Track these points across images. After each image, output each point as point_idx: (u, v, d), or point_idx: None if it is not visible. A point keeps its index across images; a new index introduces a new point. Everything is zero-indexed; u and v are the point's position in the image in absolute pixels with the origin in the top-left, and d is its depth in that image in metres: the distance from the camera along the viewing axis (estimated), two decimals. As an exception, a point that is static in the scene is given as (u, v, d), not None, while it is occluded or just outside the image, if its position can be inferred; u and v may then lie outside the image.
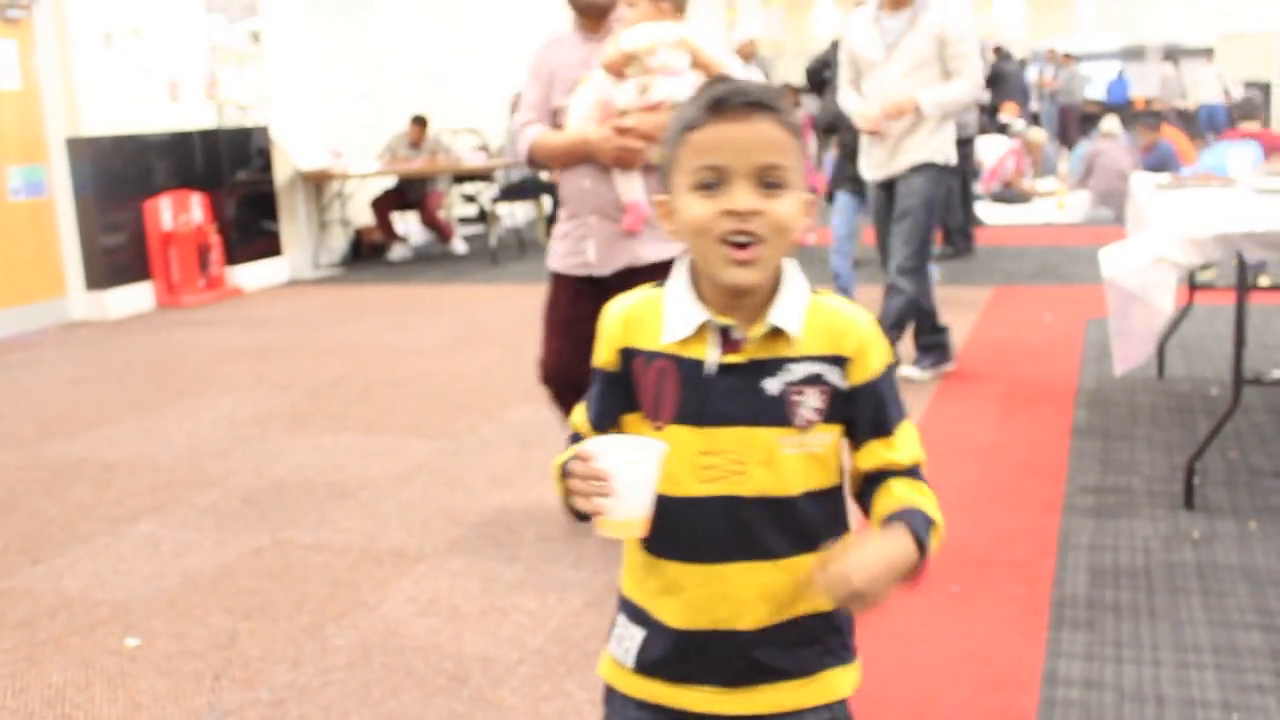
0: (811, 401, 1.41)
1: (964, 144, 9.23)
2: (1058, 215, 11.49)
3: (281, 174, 10.07)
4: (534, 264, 10.19)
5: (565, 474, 1.42)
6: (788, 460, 1.41)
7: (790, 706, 1.47)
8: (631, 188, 3.44)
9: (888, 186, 5.49)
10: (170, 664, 3.04)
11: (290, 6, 10.08)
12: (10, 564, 3.79)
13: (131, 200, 8.57)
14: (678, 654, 1.47)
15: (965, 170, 9.31)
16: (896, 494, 1.45)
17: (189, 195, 8.92)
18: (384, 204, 10.82)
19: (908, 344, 5.69)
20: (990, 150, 12.68)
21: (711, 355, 1.41)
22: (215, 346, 7.22)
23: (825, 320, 1.43)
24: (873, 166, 5.49)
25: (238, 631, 3.21)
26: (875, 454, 1.46)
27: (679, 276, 1.46)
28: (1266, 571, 3.26)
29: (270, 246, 9.87)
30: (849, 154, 6.54)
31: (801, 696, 1.47)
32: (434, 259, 10.87)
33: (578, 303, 3.53)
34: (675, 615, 1.47)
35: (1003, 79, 13.99)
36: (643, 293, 1.51)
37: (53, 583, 3.60)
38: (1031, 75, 18.31)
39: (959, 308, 7.20)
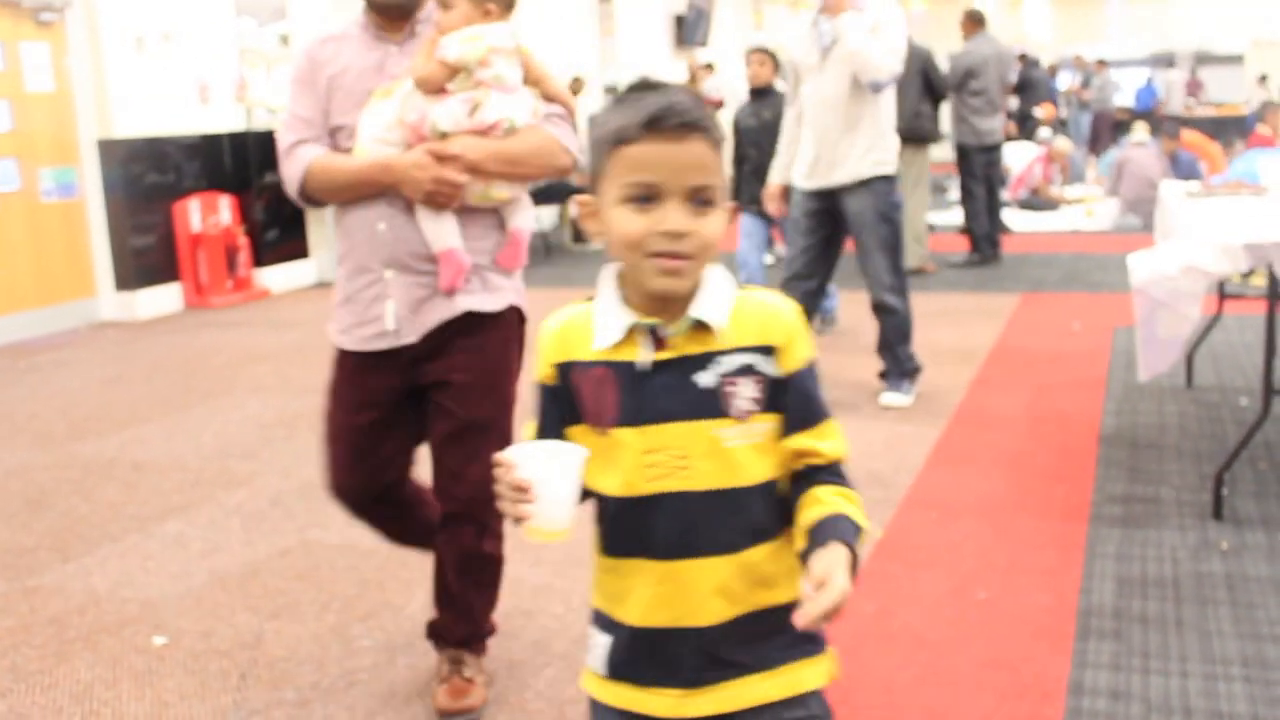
0: (746, 391, 1.44)
1: (990, 150, 9.21)
2: (1086, 222, 11.43)
3: (310, 176, 10.10)
4: (560, 269, 10.22)
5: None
6: (733, 452, 1.45)
7: (756, 701, 1.48)
8: (444, 232, 2.61)
9: (822, 196, 5.34)
10: (197, 662, 3.07)
11: (319, 9, 10.14)
12: (41, 562, 3.82)
13: (161, 202, 8.64)
14: (641, 654, 1.50)
15: (991, 177, 9.27)
16: (823, 500, 1.46)
17: (217, 197, 8.98)
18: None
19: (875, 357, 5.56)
20: (1018, 157, 12.63)
21: (643, 355, 1.45)
22: (243, 347, 7.27)
23: (752, 312, 1.47)
24: (808, 175, 5.35)
25: (264, 631, 3.23)
26: (800, 444, 1.48)
27: (606, 286, 1.50)
28: (1296, 583, 3.24)
29: (298, 249, 9.92)
30: (755, 172, 6.47)
31: (767, 690, 1.49)
32: (460, 262, 10.88)
33: (372, 387, 2.71)
34: (634, 613, 1.50)
35: (1031, 85, 13.93)
36: (574, 308, 1.56)
37: (82, 580, 3.63)
38: (1062, 82, 18.22)
39: (985, 315, 7.17)
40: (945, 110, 9.10)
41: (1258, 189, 4.94)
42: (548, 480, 1.40)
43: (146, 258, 8.56)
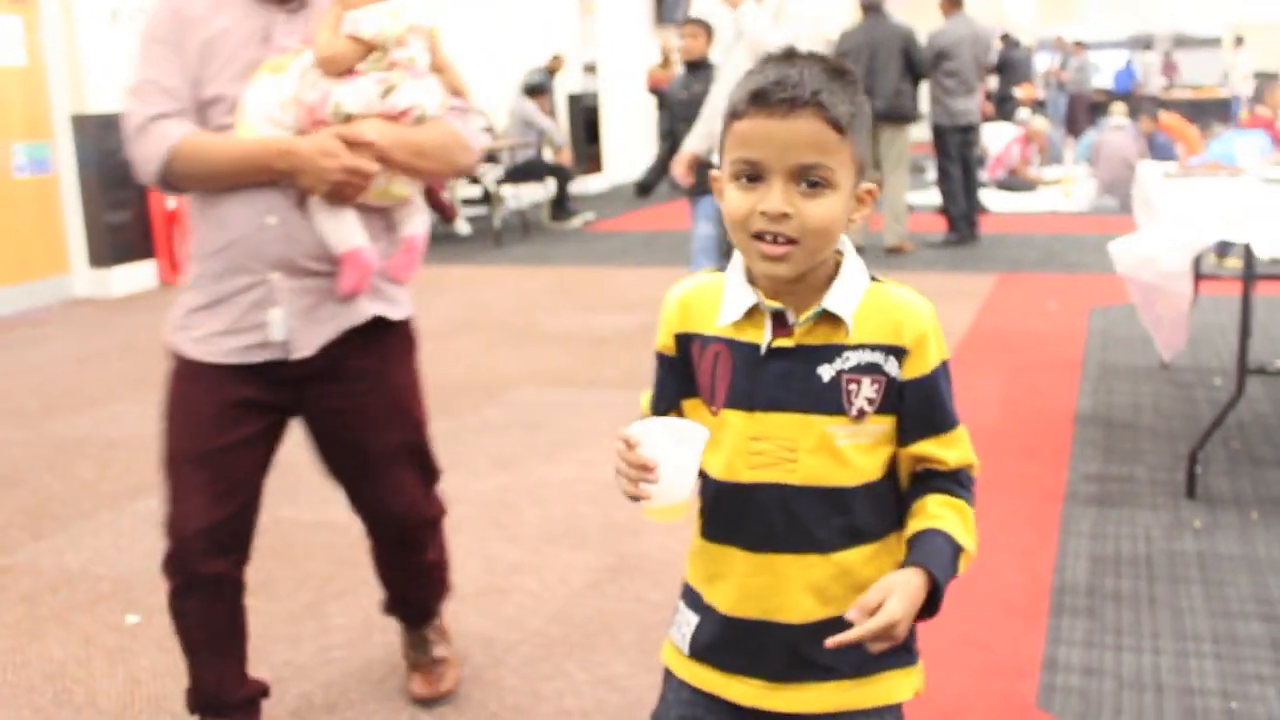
0: (866, 390, 1.38)
1: (965, 131, 9.22)
2: (1063, 203, 11.46)
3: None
4: (538, 246, 10.18)
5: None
6: (843, 451, 1.39)
7: (839, 707, 1.44)
8: (347, 229, 2.27)
9: None
10: (170, 641, 3.03)
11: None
12: (13, 539, 3.79)
13: (135, 178, 8.55)
14: (727, 642, 1.47)
15: (967, 157, 9.28)
16: (930, 512, 1.42)
17: (193, 173, 8.90)
18: (388, 184, 10.77)
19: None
20: (996, 138, 12.65)
21: (764, 338, 1.40)
22: (218, 325, 7.21)
23: (885, 309, 1.39)
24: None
25: (239, 609, 3.21)
26: (921, 450, 1.43)
27: (737, 261, 1.44)
28: (1267, 561, 3.26)
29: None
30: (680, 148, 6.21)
31: (853, 697, 1.44)
32: (437, 240, 10.83)
33: (241, 404, 2.30)
34: (725, 601, 1.46)
35: (1010, 66, 13.96)
36: (703, 277, 1.49)
37: (55, 558, 3.61)
38: (1040, 63, 18.25)
39: (962, 295, 7.19)
40: (924, 90, 9.12)
41: (1235, 170, 4.96)
42: (670, 461, 1.37)
43: (121, 235, 8.48)
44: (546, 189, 11.51)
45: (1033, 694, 2.64)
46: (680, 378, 1.49)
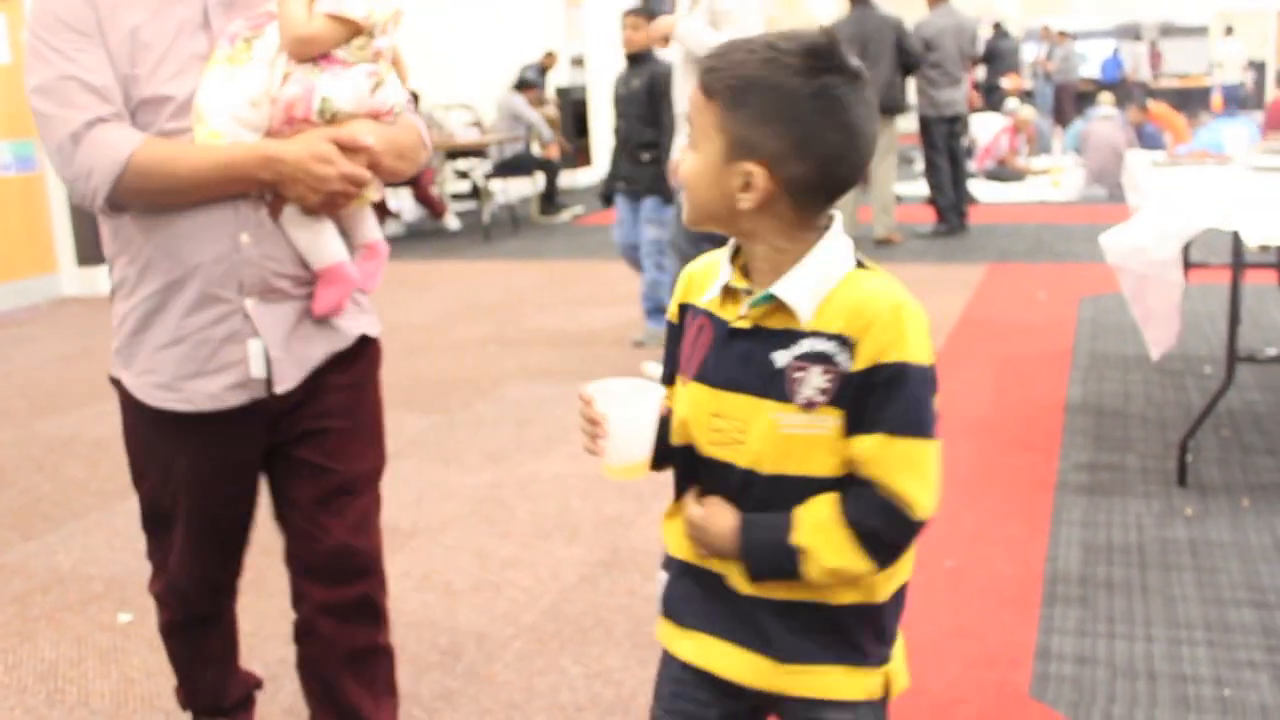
0: (815, 380, 1.35)
1: (954, 121, 9.22)
2: (1052, 193, 11.48)
3: (274, 149, 10.00)
4: (527, 241, 10.17)
5: None
6: (790, 440, 1.37)
7: (767, 685, 1.44)
8: (326, 242, 1.99)
9: None
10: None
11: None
12: (3, 540, 3.78)
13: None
14: (684, 594, 1.50)
15: (954, 148, 9.29)
16: (810, 510, 1.37)
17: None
18: (376, 180, 10.74)
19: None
20: (984, 128, 12.66)
21: (729, 314, 1.42)
22: (207, 322, 7.19)
23: (849, 298, 1.35)
24: None
25: (231, 607, 3.20)
26: (852, 450, 1.36)
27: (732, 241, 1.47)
28: (1258, 548, 3.27)
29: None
30: (623, 146, 5.97)
31: (783, 681, 1.44)
32: (426, 235, 10.83)
33: (222, 454, 2.06)
34: (678, 545, 1.50)
35: (998, 55, 13.97)
36: (719, 251, 1.49)
37: (46, 558, 3.59)
38: (1028, 53, 18.26)
39: (952, 285, 7.19)
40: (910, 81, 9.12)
41: (1223, 158, 4.97)
42: (621, 418, 1.42)
43: (108, 232, 8.45)
44: (535, 183, 11.49)
45: (1026, 683, 2.64)
46: (677, 347, 1.52)
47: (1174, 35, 22.06)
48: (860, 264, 1.40)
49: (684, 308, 1.51)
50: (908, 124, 10.10)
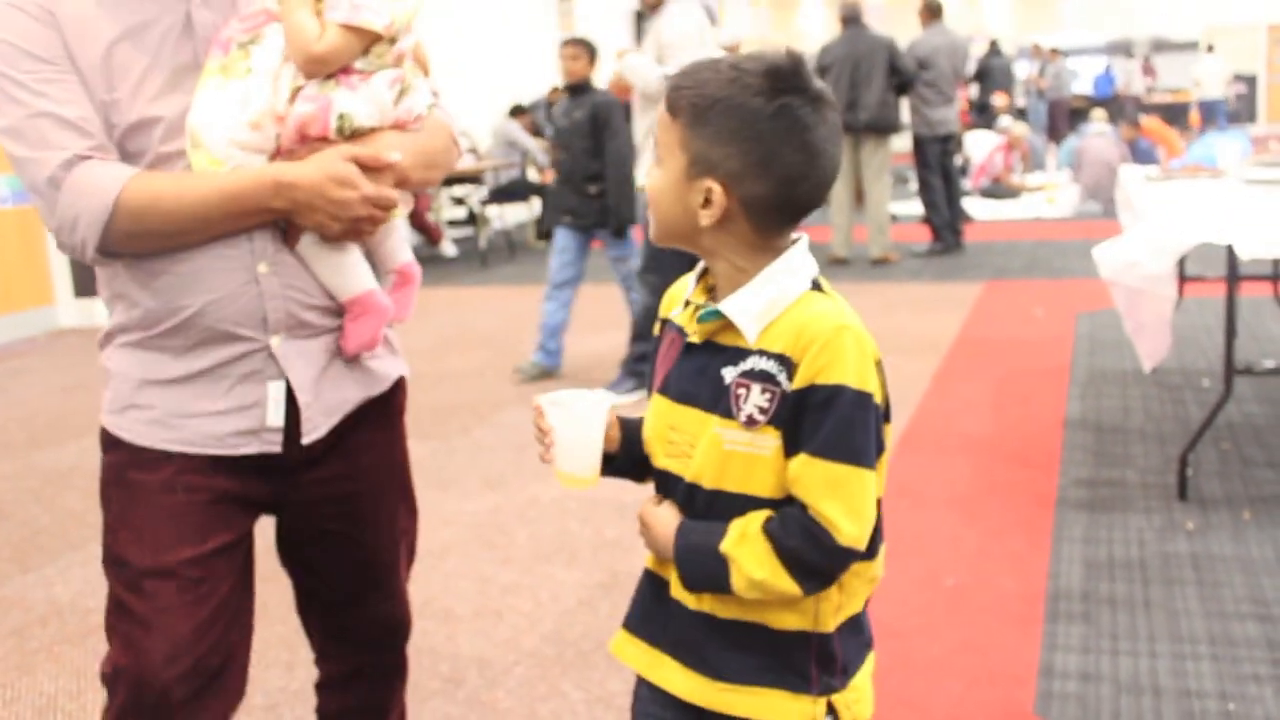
0: (755, 399, 1.36)
1: (947, 140, 9.25)
2: (1047, 209, 11.50)
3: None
4: (524, 266, 10.17)
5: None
6: (731, 456, 1.38)
7: (702, 701, 1.44)
8: (353, 269, 1.76)
9: None
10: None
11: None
12: (1, 572, 3.76)
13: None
14: (643, 599, 1.54)
15: (948, 166, 9.31)
16: (741, 521, 1.37)
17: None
18: (373, 207, 10.77)
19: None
20: (979, 146, 12.70)
21: (686, 327, 1.46)
22: (205, 352, 7.19)
23: (796, 319, 1.36)
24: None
25: (231, 637, 3.19)
26: (788, 468, 1.35)
27: None
28: (1261, 561, 3.26)
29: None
30: (567, 179, 5.86)
31: (717, 699, 1.43)
32: (423, 261, 10.74)
33: (224, 508, 1.75)
34: (650, 555, 1.54)
35: (991, 73, 14.02)
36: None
37: (44, 590, 3.58)
38: (1019, 70, 18.33)
39: (949, 304, 7.20)
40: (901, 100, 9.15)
41: (1216, 172, 4.98)
42: (567, 426, 1.47)
43: (105, 264, 8.46)
44: (531, 209, 11.52)
45: (1030, 701, 2.63)
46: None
47: (1166, 50, 22.14)
48: (817, 286, 1.40)
49: (663, 322, 1.54)
50: (902, 143, 10.13)
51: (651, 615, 1.51)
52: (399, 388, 1.93)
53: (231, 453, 1.72)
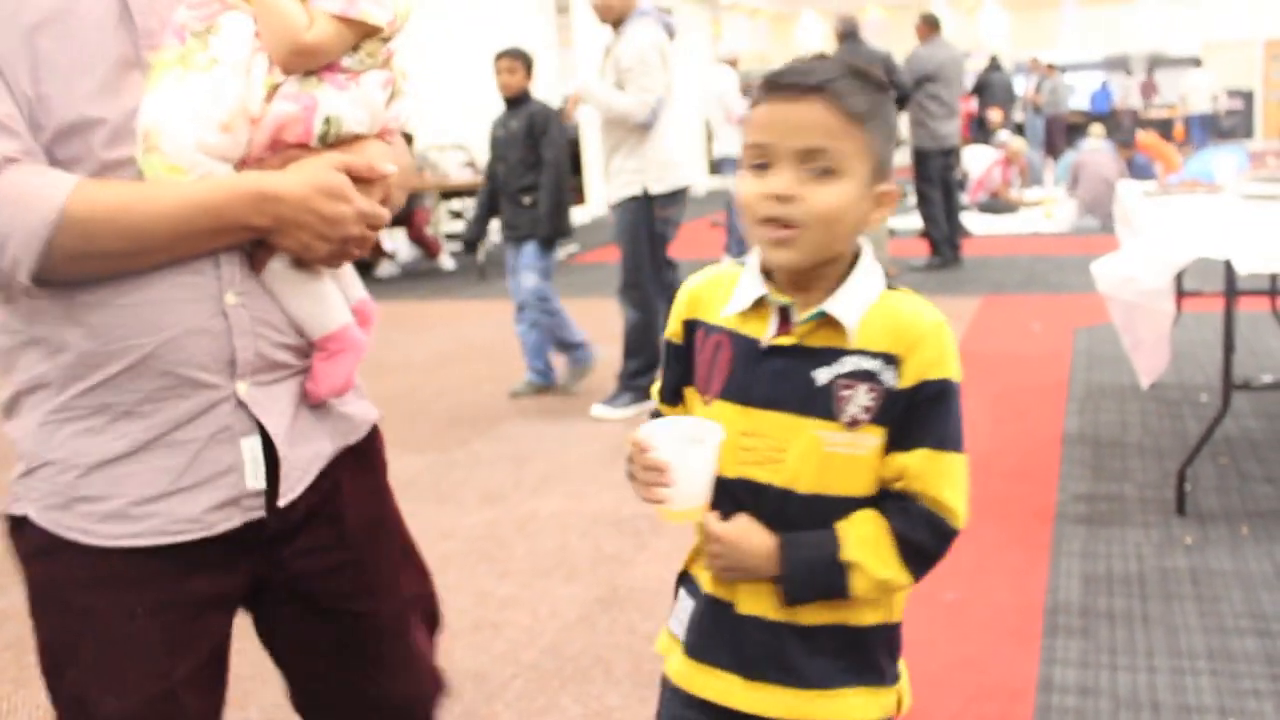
0: (860, 399, 1.35)
1: (947, 154, 9.27)
2: (1045, 224, 11.52)
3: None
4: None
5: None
6: (832, 458, 1.37)
7: (797, 716, 1.42)
8: (328, 301, 1.50)
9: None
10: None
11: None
12: (-2, 586, 3.76)
13: None
14: (709, 628, 1.46)
15: (949, 180, 9.33)
16: (854, 523, 1.37)
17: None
18: (371, 221, 10.77)
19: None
20: (977, 161, 12.72)
21: (767, 333, 1.40)
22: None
23: (890, 316, 1.37)
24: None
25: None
26: (894, 464, 1.38)
27: (754, 256, 1.43)
28: (1259, 576, 3.26)
29: (258, 264, 9.82)
30: (503, 188, 5.80)
31: (811, 709, 1.42)
32: (421, 275, 10.85)
33: (190, 616, 1.48)
34: (706, 578, 1.47)
35: (988, 87, 14.06)
36: (720, 268, 1.49)
37: (41, 604, 3.57)
38: (1019, 86, 18.39)
39: (947, 318, 7.17)
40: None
41: (1213, 187, 4.99)
42: (684, 462, 1.37)
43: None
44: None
45: (1029, 716, 2.62)
46: (685, 365, 1.49)
47: (1163, 66, 22.21)
48: (889, 284, 1.42)
49: (691, 324, 1.48)
50: (897, 157, 10.15)
51: (715, 639, 1.45)
52: (375, 434, 1.68)
53: (209, 533, 1.43)
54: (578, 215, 14.22)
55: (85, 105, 1.35)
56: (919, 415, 1.36)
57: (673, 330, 1.51)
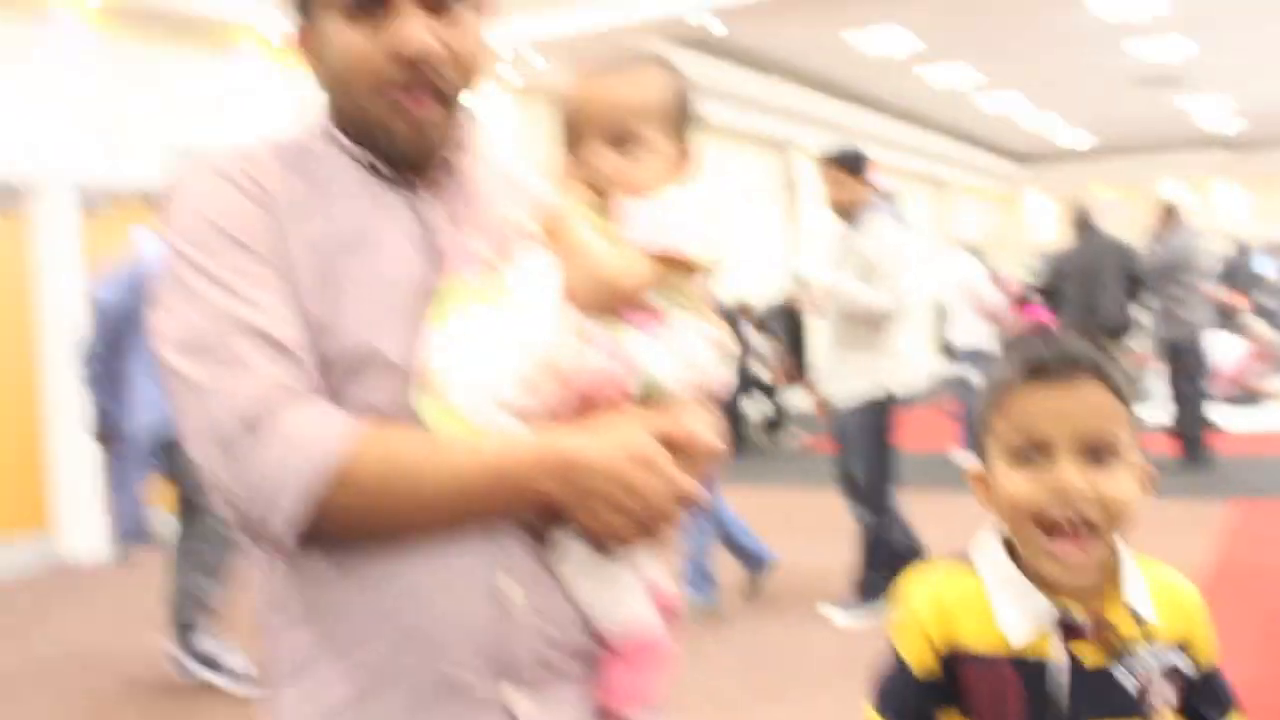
0: (1167, 694, 1.26)
1: (1198, 344, 8.85)
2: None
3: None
4: (751, 462, 10.14)
5: None
6: None
7: None
8: (623, 590, 1.26)
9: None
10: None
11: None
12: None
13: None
14: None
15: (1195, 373, 8.88)
16: None
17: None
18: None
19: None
20: (1223, 350, 12.13)
21: (1055, 653, 1.24)
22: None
23: (1168, 596, 1.28)
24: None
25: None
26: None
27: (994, 555, 1.29)
28: None
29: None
30: None
31: None
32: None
33: None
34: None
35: (1237, 273, 13.59)
36: (945, 570, 1.31)
37: None
38: (1261, 267, 17.65)
39: (1190, 525, 6.74)
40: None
41: None
42: None
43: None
44: (757, 404, 11.53)
45: None
46: (939, 702, 1.29)
47: None
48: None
49: (956, 658, 1.27)
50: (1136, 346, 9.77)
51: None
52: None
53: None
54: (795, 400, 13.91)
55: (365, 331, 1.19)
56: (1223, 690, 1.33)
57: (921, 661, 1.28)
